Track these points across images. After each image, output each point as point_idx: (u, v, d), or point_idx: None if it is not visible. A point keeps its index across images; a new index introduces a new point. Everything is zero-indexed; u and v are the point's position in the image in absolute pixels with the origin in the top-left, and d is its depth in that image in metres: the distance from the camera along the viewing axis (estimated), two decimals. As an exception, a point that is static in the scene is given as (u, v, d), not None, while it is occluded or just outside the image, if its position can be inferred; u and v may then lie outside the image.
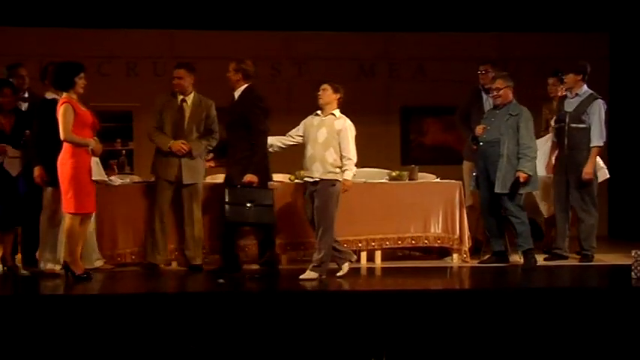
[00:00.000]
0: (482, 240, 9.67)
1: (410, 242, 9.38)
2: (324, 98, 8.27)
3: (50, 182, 8.29)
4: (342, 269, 8.38)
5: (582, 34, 12.15)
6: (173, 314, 7.00)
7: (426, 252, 9.75)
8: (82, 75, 8.09)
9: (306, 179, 8.30)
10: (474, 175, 9.31)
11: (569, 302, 7.28)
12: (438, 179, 9.65)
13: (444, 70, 12.19)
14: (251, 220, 8.31)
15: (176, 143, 8.63)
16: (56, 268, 8.28)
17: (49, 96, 8.50)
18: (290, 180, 9.34)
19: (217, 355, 6.79)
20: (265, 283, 8.14)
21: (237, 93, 8.53)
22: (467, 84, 10.11)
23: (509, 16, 11.71)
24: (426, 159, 11.87)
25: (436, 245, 9.45)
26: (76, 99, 8.06)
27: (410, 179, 9.55)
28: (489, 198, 9.09)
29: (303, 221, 8.59)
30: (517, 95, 9.24)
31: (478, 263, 9.24)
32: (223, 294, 7.65)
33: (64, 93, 8.04)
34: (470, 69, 10.05)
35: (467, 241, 9.35)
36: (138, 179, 9.45)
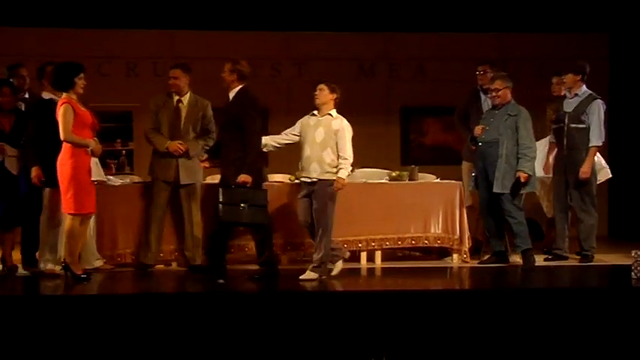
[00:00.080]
0: (482, 240, 9.67)
1: (410, 242, 9.38)
2: (321, 98, 8.28)
3: (48, 183, 8.28)
4: (336, 267, 8.37)
5: (582, 35, 12.15)
6: (173, 315, 6.99)
7: (426, 252, 9.75)
8: (82, 75, 8.08)
9: (303, 180, 8.29)
10: (473, 176, 9.31)
11: (569, 303, 7.28)
12: (438, 179, 9.65)
13: (444, 71, 12.19)
14: (245, 221, 8.30)
15: (173, 144, 8.63)
16: (56, 269, 8.27)
17: (46, 96, 8.51)
18: (290, 180, 9.33)
19: (218, 356, 6.79)
20: (265, 284, 8.13)
21: (232, 94, 8.52)
22: (467, 84, 10.11)
23: (509, 17, 11.71)
24: (426, 159, 11.87)
25: (436, 245, 9.45)
26: (76, 99, 8.05)
27: (410, 179, 9.55)
28: (488, 198, 9.09)
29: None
30: (517, 96, 9.25)
31: (478, 263, 9.24)
32: (223, 294, 7.66)
33: (64, 93, 8.03)
34: (470, 69, 10.04)
35: (467, 242, 9.35)
36: (138, 179, 9.45)
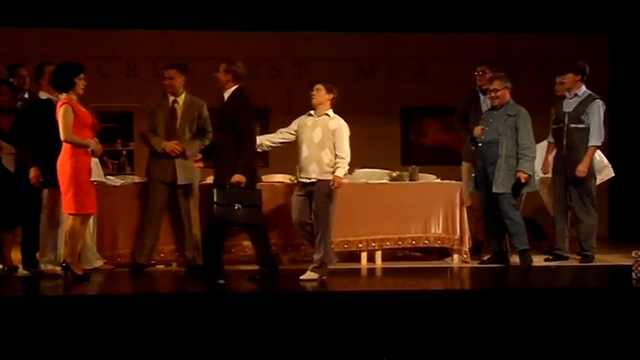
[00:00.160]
0: (482, 240, 9.66)
1: (410, 243, 9.38)
2: (318, 98, 8.28)
3: (47, 183, 8.27)
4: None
5: (582, 35, 12.15)
6: (173, 315, 6.99)
7: (427, 252, 9.75)
8: (82, 76, 8.08)
9: (302, 181, 8.28)
10: (473, 176, 9.31)
11: (569, 303, 7.27)
12: (439, 180, 9.64)
13: (444, 71, 12.19)
14: (240, 221, 8.30)
15: (170, 144, 8.62)
16: (57, 269, 8.26)
17: (43, 96, 8.50)
18: (290, 180, 9.33)
19: (218, 356, 6.78)
20: (265, 284, 8.13)
21: (226, 94, 8.51)
22: (467, 84, 10.10)
23: (509, 17, 11.70)
24: (427, 159, 11.87)
25: (436, 246, 9.45)
26: (76, 100, 8.05)
27: (410, 180, 9.54)
28: (488, 199, 9.09)
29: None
30: (517, 96, 9.25)
31: (478, 264, 9.25)
32: (224, 295, 7.65)
33: (64, 93, 8.02)
34: (470, 69, 10.03)
35: (467, 242, 9.35)
36: (138, 180, 9.43)
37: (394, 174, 9.62)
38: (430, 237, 9.33)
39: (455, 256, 9.38)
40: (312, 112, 8.35)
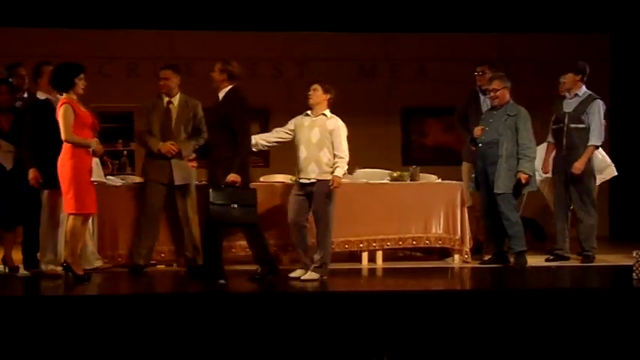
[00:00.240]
0: (483, 241, 9.66)
1: (411, 243, 9.37)
2: (315, 98, 8.28)
3: (46, 184, 8.26)
4: (296, 272, 8.34)
5: (583, 35, 12.14)
6: (174, 315, 6.98)
7: (427, 253, 9.75)
8: (82, 76, 8.07)
9: (302, 181, 8.28)
10: (474, 177, 9.31)
11: (570, 303, 7.27)
12: (440, 180, 9.64)
13: (445, 71, 12.18)
14: (236, 221, 8.31)
15: (165, 145, 8.60)
16: (57, 269, 8.25)
17: (41, 96, 8.49)
18: (291, 180, 9.31)
19: (219, 356, 6.78)
20: (266, 284, 8.12)
21: (221, 94, 8.51)
22: (468, 85, 10.10)
23: (509, 17, 11.69)
24: (427, 160, 11.85)
25: (437, 246, 9.44)
26: (76, 100, 8.05)
27: (411, 180, 9.54)
28: (489, 199, 9.08)
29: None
30: (517, 96, 9.24)
31: (479, 264, 9.24)
32: (224, 295, 7.65)
33: (64, 93, 8.02)
34: (470, 70, 10.02)
35: (468, 242, 9.35)
36: (139, 180, 9.40)
37: (395, 174, 9.61)
38: (431, 237, 9.33)
39: (456, 257, 9.37)
40: (308, 112, 8.35)
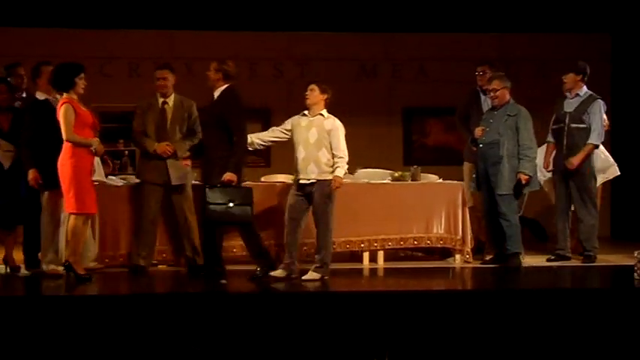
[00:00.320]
0: (484, 241, 9.65)
1: (412, 243, 9.37)
2: (312, 99, 8.28)
3: (46, 185, 8.25)
4: (277, 272, 8.32)
5: (584, 35, 12.13)
6: (174, 315, 6.98)
7: (429, 253, 9.74)
8: (83, 75, 8.07)
9: (301, 181, 8.26)
10: (474, 177, 9.30)
11: (571, 303, 7.27)
12: (441, 180, 9.63)
13: (446, 71, 12.17)
14: (233, 219, 8.33)
15: (161, 145, 8.57)
16: (59, 269, 8.24)
17: (40, 96, 8.48)
18: (292, 180, 9.30)
19: (220, 357, 6.78)
20: (267, 284, 8.11)
21: (216, 93, 8.52)
22: (468, 85, 10.10)
23: (510, 17, 11.68)
24: (429, 160, 11.85)
25: (438, 246, 9.43)
26: (77, 99, 8.04)
27: (412, 180, 9.53)
28: (490, 199, 9.07)
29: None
30: (518, 96, 9.24)
31: (480, 264, 9.23)
32: (226, 295, 7.66)
33: (64, 93, 8.01)
34: (471, 70, 10.03)
35: (469, 242, 9.34)
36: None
37: (396, 174, 9.61)
38: (432, 237, 9.32)
39: (457, 257, 9.37)
40: (305, 112, 8.34)
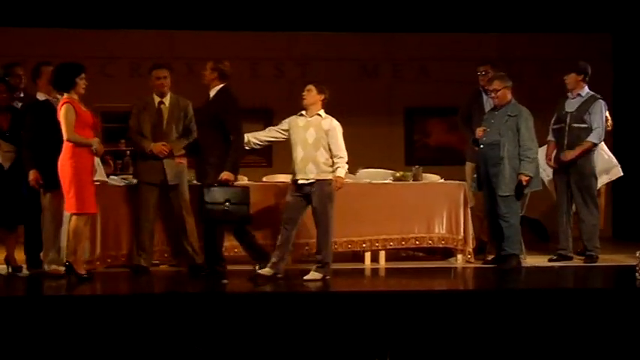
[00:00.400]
0: (486, 241, 9.64)
1: (414, 243, 9.36)
2: (309, 99, 8.29)
3: (47, 185, 8.24)
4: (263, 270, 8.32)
5: (585, 35, 12.12)
6: (175, 315, 6.97)
7: (430, 253, 9.73)
8: (83, 75, 8.07)
9: (300, 182, 8.25)
10: (475, 177, 9.29)
11: (573, 303, 7.26)
12: (442, 180, 9.63)
13: (448, 71, 12.17)
14: (230, 219, 8.33)
15: (157, 145, 8.55)
16: (60, 269, 8.23)
17: (41, 97, 8.48)
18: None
19: (221, 357, 6.77)
20: (269, 284, 8.09)
21: (212, 92, 8.54)
22: (470, 85, 10.10)
23: (512, 17, 11.68)
24: (430, 160, 11.85)
25: (440, 246, 9.43)
26: (77, 99, 8.04)
27: (414, 180, 9.53)
28: (491, 200, 9.06)
29: (306, 221, 8.52)
30: (520, 96, 9.23)
31: (482, 264, 9.23)
32: (226, 295, 7.65)
33: (65, 93, 8.01)
34: (473, 70, 10.02)
35: (471, 242, 9.34)
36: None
37: (398, 174, 9.60)
38: (434, 237, 9.32)
39: (459, 257, 9.36)
40: (303, 113, 8.34)
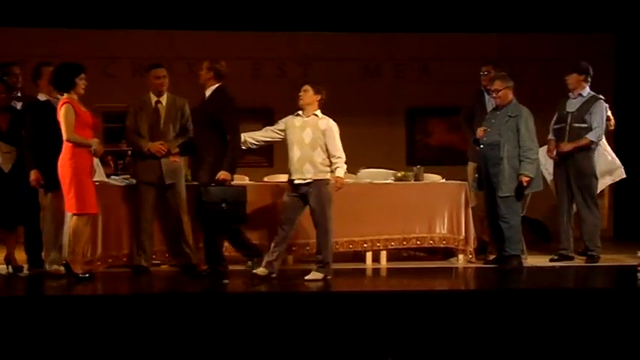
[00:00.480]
0: (487, 241, 9.64)
1: (415, 243, 9.36)
2: (305, 99, 8.29)
3: (47, 185, 8.24)
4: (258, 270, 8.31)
5: (587, 35, 12.11)
6: (175, 315, 6.98)
7: (431, 253, 9.73)
8: (83, 76, 8.07)
9: (296, 182, 8.25)
10: (476, 177, 9.29)
11: (574, 303, 7.26)
12: (444, 180, 9.63)
13: (449, 71, 12.16)
14: (227, 219, 8.34)
15: (155, 145, 8.55)
16: (61, 269, 8.23)
17: (42, 97, 8.48)
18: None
19: (222, 357, 6.77)
20: (270, 284, 8.10)
21: (207, 92, 8.54)
22: (472, 85, 10.10)
23: (513, 17, 11.67)
24: (432, 160, 11.84)
25: (441, 246, 9.43)
26: (77, 100, 8.04)
27: (415, 180, 9.53)
28: (492, 200, 9.05)
29: (306, 221, 8.52)
30: (521, 96, 9.22)
31: (483, 264, 9.22)
32: (225, 295, 7.65)
33: (65, 94, 8.01)
34: (475, 70, 10.02)
35: (472, 242, 9.33)
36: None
37: (399, 174, 9.60)
38: (435, 237, 9.31)
39: (460, 257, 9.36)
40: (299, 113, 8.35)
